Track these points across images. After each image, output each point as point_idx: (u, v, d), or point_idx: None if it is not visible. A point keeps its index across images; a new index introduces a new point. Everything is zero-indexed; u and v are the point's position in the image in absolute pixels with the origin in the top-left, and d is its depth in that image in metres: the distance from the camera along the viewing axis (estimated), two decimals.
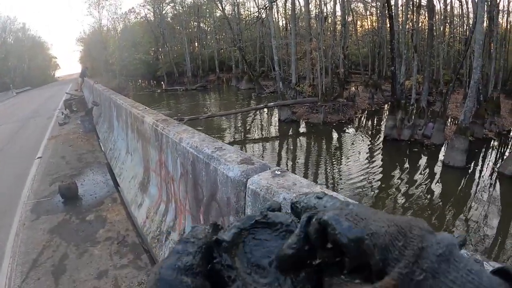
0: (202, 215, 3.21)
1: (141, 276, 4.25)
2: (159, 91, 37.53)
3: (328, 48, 21.61)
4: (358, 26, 39.90)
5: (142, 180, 5.74)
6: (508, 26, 29.72)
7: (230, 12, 39.42)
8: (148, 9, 44.68)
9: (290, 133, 18.47)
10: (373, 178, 13.58)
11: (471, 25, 19.21)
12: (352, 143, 16.82)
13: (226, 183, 2.54)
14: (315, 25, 25.75)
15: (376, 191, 12.75)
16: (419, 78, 21.53)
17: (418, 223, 0.33)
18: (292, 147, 16.68)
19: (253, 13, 39.90)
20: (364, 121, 20.22)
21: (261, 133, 18.90)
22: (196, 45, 47.21)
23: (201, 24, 46.75)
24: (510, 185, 13.72)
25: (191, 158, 3.25)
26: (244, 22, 37.86)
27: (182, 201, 3.86)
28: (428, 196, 12.65)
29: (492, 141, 17.93)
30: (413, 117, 16.54)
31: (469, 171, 14.54)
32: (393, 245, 0.30)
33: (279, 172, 2.24)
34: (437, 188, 13.27)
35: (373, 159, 15.21)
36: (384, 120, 18.26)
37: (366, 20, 39.92)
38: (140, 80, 48.52)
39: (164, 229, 4.39)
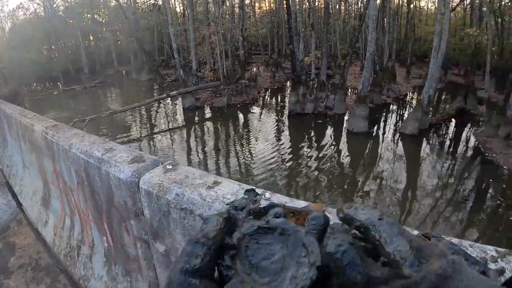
0: (105, 224, 3.01)
1: None
2: (56, 92, 34.32)
3: (227, 32, 21.21)
4: (256, 8, 40.01)
5: (43, 195, 5.28)
6: (400, 1, 31.95)
7: (126, 1, 37.18)
8: (38, 4, 40.50)
9: (196, 120, 17.87)
10: (284, 153, 13.61)
11: (365, 2, 19.96)
12: (259, 122, 16.68)
13: (119, 186, 2.35)
14: (213, 9, 25.12)
15: (289, 165, 12.77)
16: (318, 54, 22.01)
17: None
18: (200, 134, 16.16)
19: (149, 0, 38.12)
20: (268, 100, 20.29)
21: (167, 124, 18.02)
22: (92, 38, 43.95)
23: (96, 16, 43.60)
24: (411, 143, 14.51)
25: (83, 165, 2.97)
26: (140, 10, 35.92)
27: (85, 211, 3.57)
28: (338, 163, 12.89)
29: (391, 105, 18.97)
30: (314, 91, 16.86)
31: (373, 135, 15.14)
32: None
33: (170, 167, 2.10)
34: (345, 154, 13.58)
35: (281, 135, 15.22)
36: (287, 96, 18.37)
37: (264, 2, 40.15)
38: (35, 83, 44.06)
39: (74, 244, 4.13)
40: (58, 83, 38.66)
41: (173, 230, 1.91)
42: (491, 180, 12.57)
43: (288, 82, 21.18)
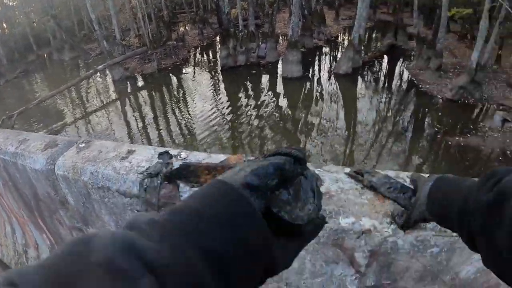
0: (40, 220, 2.85)
1: None
2: None
3: None
4: None
5: None
6: None
7: None
8: None
9: (129, 90, 17.07)
10: (223, 108, 13.52)
11: None
12: (194, 82, 16.31)
13: (38, 178, 2.20)
14: None
15: (230, 119, 12.70)
16: (244, 5, 21.37)
17: None
18: (135, 104, 15.55)
19: None
20: (199, 57, 19.78)
21: (101, 100, 17.08)
22: (5, 26, 40.47)
23: (5, 1, 39.98)
24: (346, 82, 14.72)
25: (1, 164, 2.74)
26: None
27: (19, 213, 3.37)
28: (278, 110, 12.90)
29: (323, 48, 19.04)
30: (244, 42, 16.53)
31: (308, 78, 15.22)
32: None
33: (83, 145, 1.98)
34: (283, 100, 13.57)
35: (218, 91, 15.00)
36: (218, 51, 17.93)
37: None
38: None
39: (20, 249, 3.97)
40: None
41: (98, 212, 1.83)
42: (426, 109, 13.01)
43: (217, 38, 20.62)
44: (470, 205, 0.60)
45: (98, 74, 19.43)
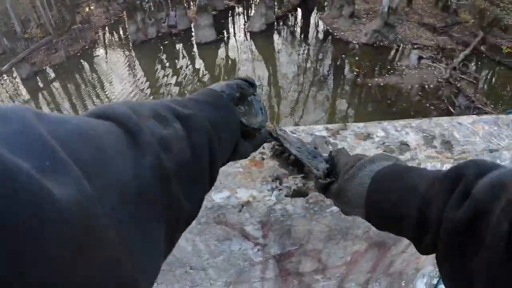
0: None
1: None
2: None
3: None
4: None
5: None
6: None
7: None
8: None
9: (41, 86, 15.87)
10: (143, 87, 13.12)
11: None
12: (107, 64, 15.53)
13: None
14: None
15: (150, 93, 12.47)
16: None
17: None
18: (50, 99, 14.67)
19: None
20: (109, 37, 18.79)
21: (13, 103, 15.78)
22: None
23: None
24: (262, 39, 14.65)
25: None
26: None
27: None
28: (196, 76, 12.68)
29: (236, 8, 18.74)
30: (152, 13, 15.92)
31: (223, 40, 14.95)
32: None
33: None
34: (200, 66, 13.35)
35: (133, 69, 14.47)
36: (127, 27, 17.17)
37: None
38: None
39: None
40: None
41: None
42: (344, 56, 13.28)
43: (124, 13, 19.72)
44: (432, 221, 0.51)
45: (4, 76, 18.05)
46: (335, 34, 14.74)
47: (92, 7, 23.27)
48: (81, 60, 16.12)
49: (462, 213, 0.47)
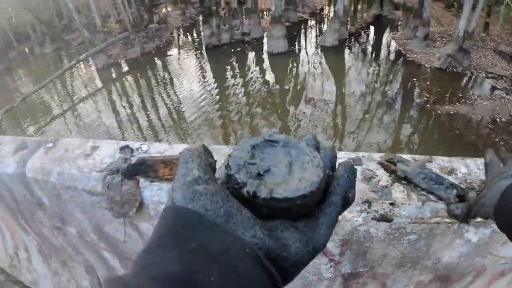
0: (24, 223, 2.78)
1: None
2: None
3: None
4: None
5: None
6: None
7: None
8: None
9: (114, 77, 16.83)
10: (211, 89, 13.41)
11: None
12: (179, 63, 16.20)
13: (13, 182, 2.14)
14: None
15: (218, 98, 12.59)
16: None
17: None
18: (121, 90, 15.39)
19: None
20: (183, 38, 19.53)
21: (87, 90, 16.81)
22: None
23: None
24: (333, 54, 14.65)
25: None
26: None
27: (3, 217, 3.29)
28: (265, 86, 12.83)
29: (309, 21, 18.88)
30: (227, 19, 16.33)
31: (294, 52, 15.11)
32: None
33: (50, 144, 1.97)
34: (270, 76, 13.49)
35: (204, 71, 14.94)
36: (202, 31, 17.70)
37: None
38: None
39: (12, 252, 3.99)
40: None
41: (72, 211, 1.80)
42: (415, 79, 12.94)
43: (200, 17, 20.37)
44: None
45: (82, 64, 19.14)
46: (407, 55, 14.41)
47: (169, 9, 24.26)
48: (155, 58, 16.83)
49: None
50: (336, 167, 0.48)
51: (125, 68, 17.35)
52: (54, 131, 12.96)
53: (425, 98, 12.06)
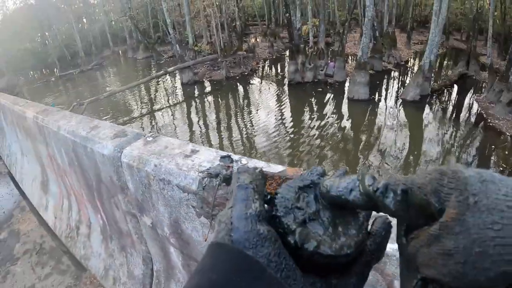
0: (98, 201, 3.07)
1: (66, 280, 4.09)
2: (53, 79, 33.81)
3: (222, 3, 20.81)
4: None
5: (42, 180, 5.35)
6: None
7: None
8: None
9: (196, 94, 17.74)
10: (286, 123, 13.55)
11: None
12: (259, 93, 16.60)
13: (104, 162, 2.37)
14: None
15: (291, 135, 12.68)
16: (316, 22, 21.56)
17: (449, 167, 0.36)
18: (200, 108, 16.07)
19: None
20: (267, 70, 20.10)
21: (167, 100, 17.90)
22: (85, 21, 43.22)
23: None
24: (412, 109, 14.40)
25: (71, 145, 2.98)
26: None
27: (79, 191, 3.63)
28: (340, 131, 12.83)
29: (392, 72, 18.77)
30: (313, 59, 16.66)
31: (374, 101, 15.02)
32: (440, 187, 0.35)
33: (150, 139, 2.12)
34: (346, 121, 13.48)
35: (282, 105, 15.13)
36: (286, 66, 18.18)
37: None
38: (31, 72, 43.37)
39: (73, 224, 4.25)
40: (55, 69, 38.11)
41: (155, 201, 1.92)
42: (493, 146, 12.48)
43: (286, 52, 20.93)
44: None
45: (168, 75, 20.36)
46: (489, 120, 13.81)
47: (258, 40, 25.29)
48: (238, 83, 17.51)
49: None
50: (372, 220, 0.47)
51: (208, 87, 18.25)
52: None
53: (501, 168, 11.57)
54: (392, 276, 1.07)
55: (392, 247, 1.01)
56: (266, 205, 0.43)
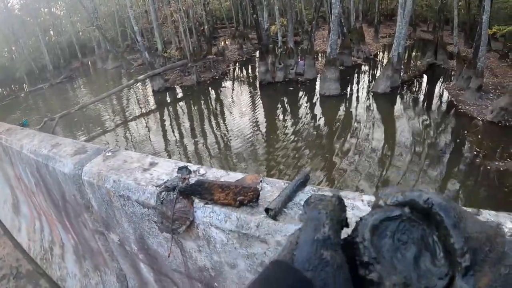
0: (66, 221, 2.95)
1: None
2: (22, 94, 32.94)
3: (189, 8, 20.64)
4: None
5: (12, 201, 5.22)
6: None
7: None
8: None
9: (168, 101, 17.57)
10: (260, 124, 13.60)
11: None
12: (232, 95, 16.59)
13: (66, 181, 2.29)
14: None
15: (266, 135, 12.77)
16: (283, 21, 21.61)
17: (500, 231, 0.41)
18: (173, 115, 15.92)
19: None
20: (238, 72, 20.09)
21: (140, 109, 17.68)
22: (52, 33, 42.30)
23: (53, 10, 41.87)
24: (384, 101, 14.58)
25: (34, 164, 2.90)
26: None
27: (48, 212, 3.50)
28: (315, 127, 12.89)
29: (362, 66, 18.98)
30: (283, 58, 16.69)
31: (346, 96, 15.15)
32: (481, 249, 0.37)
33: (110, 154, 2.08)
34: (320, 118, 13.56)
35: (255, 106, 15.17)
36: (257, 67, 18.16)
37: None
38: (0, 89, 42.17)
39: (47, 245, 4.14)
40: (24, 84, 37.22)
41: (119, 218, 1.88)
42: (466, 132, 12.68)
43: (256, 53, 20.92)
44: None
45: (139, 84, 20.09)
46: (459, 107, 14.08)
47: (227, 42, 25.20)
48: (209, 88, 17.43)
49: None
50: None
51: (180, 93, 18.07)
52: (103, 143, 13.34)
53: (475, 152, 11.73)
54: None
55: None
56: (345, 229, 0.44)
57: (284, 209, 1.26)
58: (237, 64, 20.94)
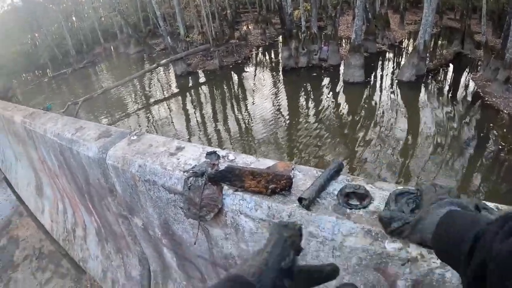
0: (89, 204, 3.03)
1: (67, 283, 4.10)
2: (46, 79, 33.52)
3: None
4: None
5: (36, 184, 5.36)
6: None
7: None
8: None
9: (190, 85, 17.61)
10: (282, 110, 13.44)
11: None
12: (254, 81, 16.49)
13: (90, 164, 2.32)
14: None
15: (288, 121, 12.60)
16: (307, 6, 21.29)
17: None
18: (196, 99, 15.94)
19: None
20: (261, 57, 19.95)
21: (163, 93, 17.78)
22: (74, 19, 42.74)
23: None
24: (409, 90, 14.30)
25: (58, 148, 2.92)
26: None
27: (71, 194, 3.61)
28: (337, 115, 12.76)
29: (387, 53, 18.61)
30: (306, 44, 16.49)
31: (370, 83, 14.92)
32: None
33: (135, 137, 2.08)
34: (343, 105, 13.41)
35: (278, 91, 15.04)
36: (280, 52, 18.00)
37: None
38: (24, 74, 43.02)
39: (69, 227, 4.26)
40: (47, 69, 37.87)
41: (143, 203, 1.87)
42: (491, 124, 12.38)
43: (279, 38, 20.72)
44: (481, 251, 0.56)
45: (161, 68, 20.19)
46: (486, 98, 13.69)
47: (250, 27, 25.03)
48: (232, 72, 17.38)
49: (504, 246, 0.50)
50: None
51: (202, 78, 18.11)
52: (126, 127, 13.48)
53: (500, 147, 11.47)
54: (395, 276, 1.05)
55: (394, 246, 1.03)
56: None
57: (317, 198, 1.23)
58: (260, 49, 20.78)
